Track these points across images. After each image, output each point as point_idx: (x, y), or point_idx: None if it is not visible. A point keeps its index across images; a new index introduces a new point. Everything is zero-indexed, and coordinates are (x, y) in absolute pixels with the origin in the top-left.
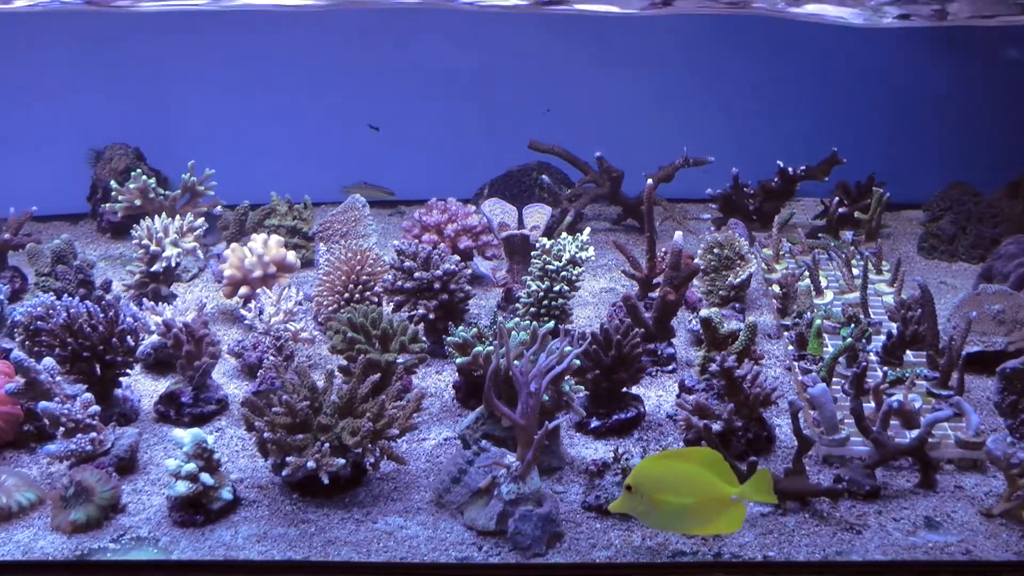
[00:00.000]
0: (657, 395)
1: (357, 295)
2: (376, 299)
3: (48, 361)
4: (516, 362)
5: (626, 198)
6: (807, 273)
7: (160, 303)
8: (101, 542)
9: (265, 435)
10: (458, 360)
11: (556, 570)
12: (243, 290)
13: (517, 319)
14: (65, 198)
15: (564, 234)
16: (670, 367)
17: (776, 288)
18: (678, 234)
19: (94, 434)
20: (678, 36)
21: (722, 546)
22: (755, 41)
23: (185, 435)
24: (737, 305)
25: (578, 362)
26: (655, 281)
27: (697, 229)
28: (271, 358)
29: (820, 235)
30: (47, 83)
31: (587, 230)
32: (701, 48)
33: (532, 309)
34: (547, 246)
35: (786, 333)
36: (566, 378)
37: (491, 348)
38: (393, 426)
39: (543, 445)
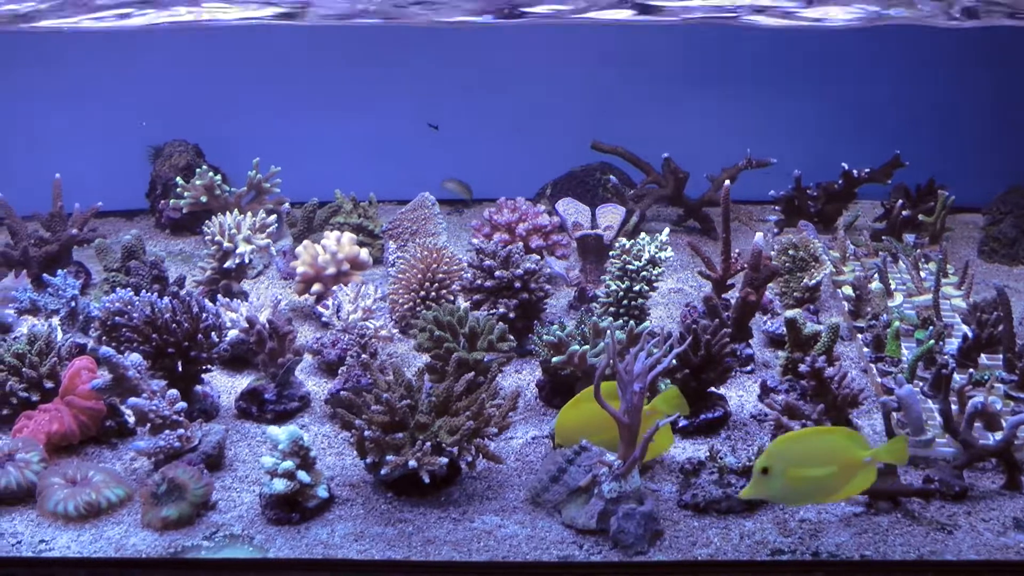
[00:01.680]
0: (738, 395)
1: (433, 293)
2: (452, 297)
3: (135, 357)
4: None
5: (689, 199)
6: (877, 275)
7: (234, 300)
8: (194, 539)
9: (366, 433)
10: (554, 359)
11: (660, 568)
12: (316, 287)
13: (610, 319)
14: (120, 194)
15: (643, 234)
16: (748, 368)
17: (847, 290)
18: (759, 235)
19: (181, 431)
20: (739, 42)
21: (819, 544)
22: (812, 46)
23: (281, 432)
24: (811, 307)
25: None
26: (728, 282)
27: (763, 231)
28: (353, 356)
29: (884, 238)
30: (105, 80)
31: (666, 230)
32: (761, 53)
33: (611, 309)
34: (627, 246)
35: (860, 335)
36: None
37: (587, 347)
38: (491, 424)
39: (649, 444)
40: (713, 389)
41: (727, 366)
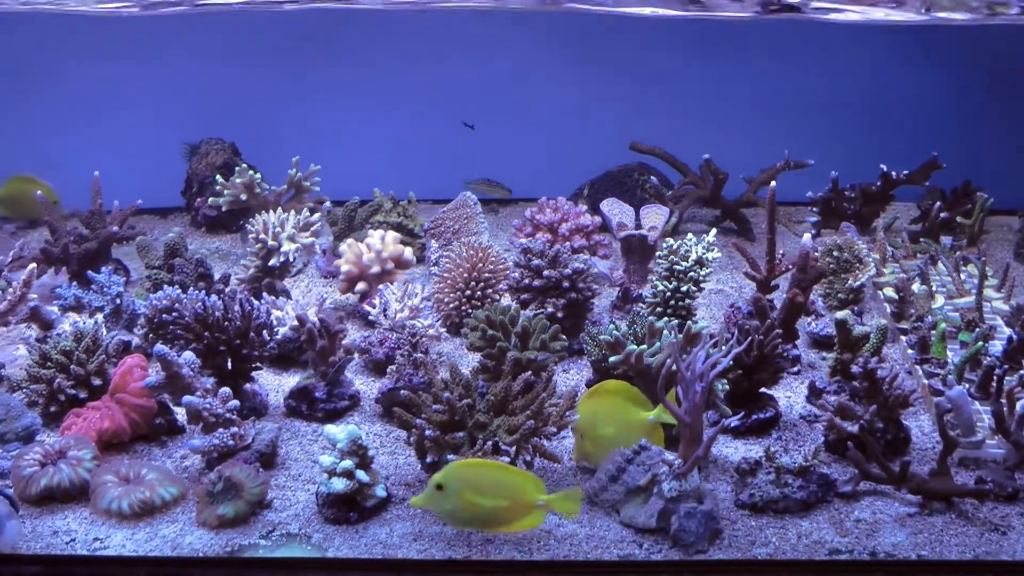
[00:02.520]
0: (786, 396)
1: (479, 292)
2: (497, 296)
3: (188, 355)
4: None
5: (726, 201)
6: (919, 277)
7: (278, 298)
8: (250, 538)
9: (427, 433)
10: (611, 359)
11: (721, 566)
12: (360, 286)
13: (667, 319)
14: (153, 191)
15: (690, 235)
16: (795, 369)
17: (888, 292)
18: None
19: (235, 429)
20: (777, 40)
21: (876, 544)
22: (847, 45)
23: (338, 431)
24: (855, 308)
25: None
26: (772, 283)
27: (801, 232)
28: (403, 355)
29: (922, 240)
30: (139, 77)
31: (713, 231)
32: (798, 51)
33: (658, 309)
34: (674, 246)
35: (903, 337)
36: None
37: (644, 347)
38: (549, 424)
39: (713, 443)
40: (768, 390)
41: (778, 367)
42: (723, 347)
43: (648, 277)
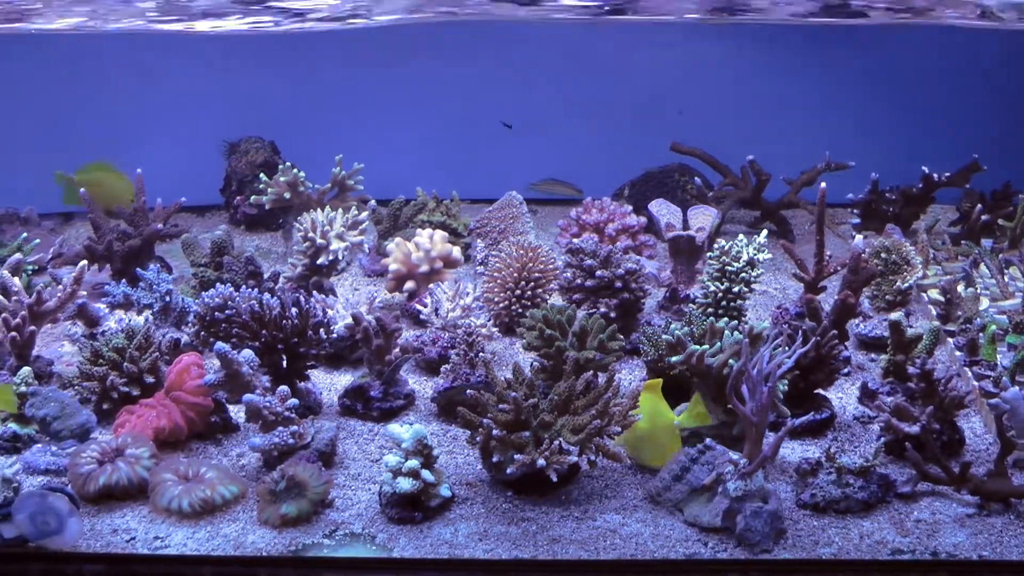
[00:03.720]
0: (837, 397)
1: (528, 292)
2: (547, 296)
3: (247, 353)
4: (726, 361)
5: (767, 202)
6: (965, 280)
7: (328, 296)
8: (313, 537)
9: (494, 432)
10: (673, 359)
11: (788, 565)
12: (408, 284)
13: (726, 319)
14: (191, 189)
15: (740, 236)
16: (845, 370)
17: (933, 294)
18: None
19: (294, 427)
20: (814, 42)
21: (937, 544)
22: (885, 45)
23: (403, 430)
24: (903, 310)
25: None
26: (820, 284)
27: (845, 234)
28: (459, 354)
29: (963, 242)
30: (177, 76)
31: (764, 232)
32: (837, 53)
33: (710, 309)
34: (725, 247)
35: (951, 340)
36: None
37: (706, 347)
38: (613, 423)
39: (781, 443)
40: (825, 391)
41: (834, 368)
42: (784, 348)
43: (695, 277)
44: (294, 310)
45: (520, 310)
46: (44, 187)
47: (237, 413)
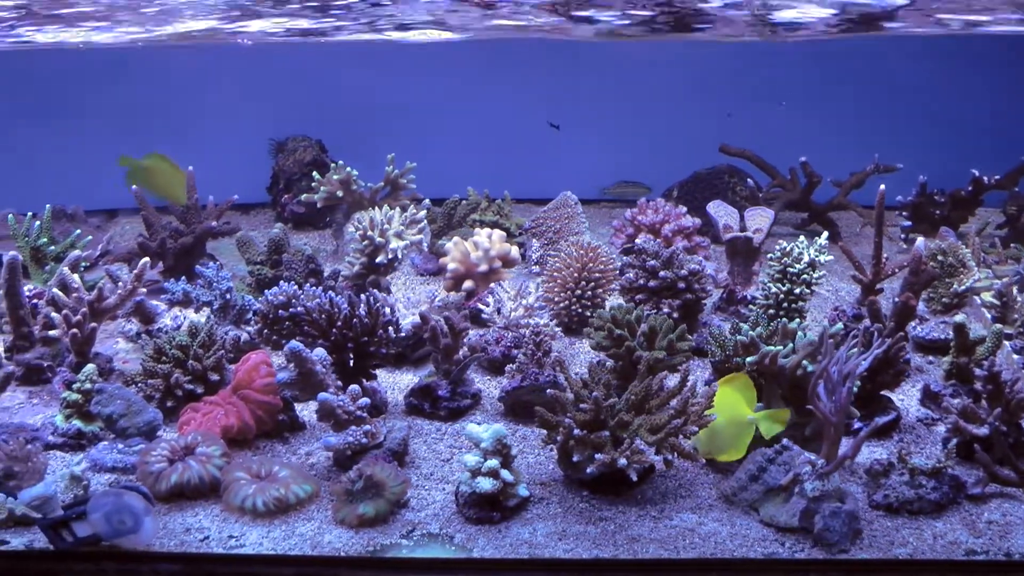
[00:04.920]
0: (899, 399)
1: (588, 292)
2: (606, 296)
3: (320, 352)
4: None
5: (815, 204)
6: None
7: (388, 295)
8: (391, 537)
9: (575, 432)
10: (747, 359)
11: (868, 566)
12: (467, 284)
13: (797, 320)
14: (236, 187)
15: (801, 237)
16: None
17: (986, 296)
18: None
19: (367, 427)
20: (858, 45)
21: (1010, 545)
22: (931, 52)
23: (481, 430)
24: (959, 313)
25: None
26: (877, 286)
27: (894, 236)
28: (524, 354)
29: (1013, 245)
30: (223, 74)
31: (825, 234)
32: (887, 58)
33: (771, 311)
34: (787, 248)
35: (1007, 342)
36: None
37: (780, 348)
38: (690, 422)
39: (862, 443)
40: (891, 392)
41: (901, 369)
42: (875, 347)
43: (751, 279)
44: (363, 308)
45: (580, 310)
46: (93, 184)
47: (303, 412)
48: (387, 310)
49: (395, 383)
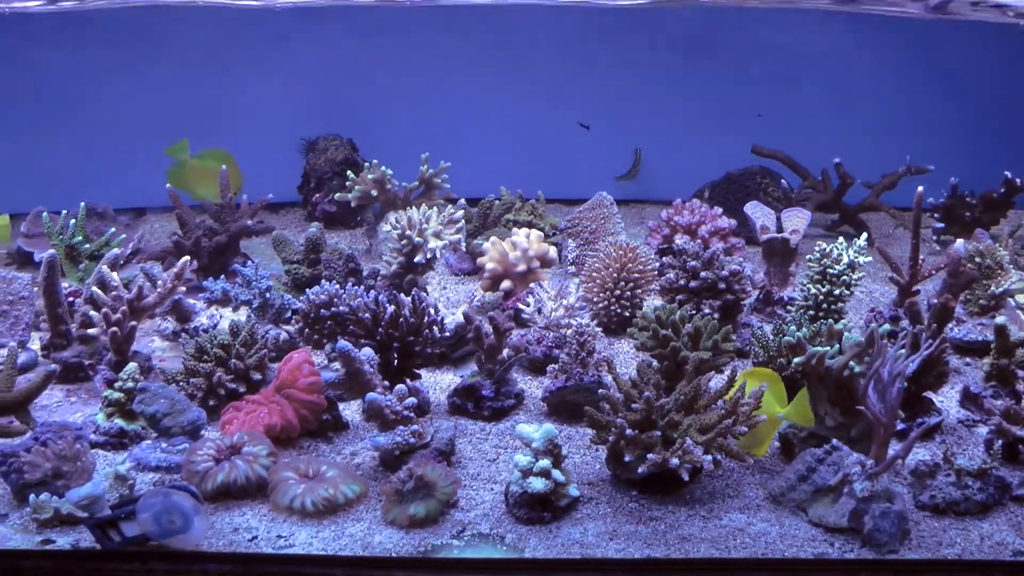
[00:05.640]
0: (938, 400)
1: (628, 292)
2: (646, 297)
3: (367, 351)
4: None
5: (847, 205)
6: None
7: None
8: (442, 538)
9: (627, 432)
10: (795, 360)
11: (919, 566)
12: (505, 284)
13: (844, 321)
14: (266, 186)
15: (840, 239)
16: None
17: (1021, 299)
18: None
19: (415, 427)
20: (890, 46)
21: None
22: (962, 47)
23: (532, 430)
24: (993, 315)
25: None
26: (914, 288)
27: (927, 238)
28: (567, 354)
29: None
30: (254, 74)
31: (863, 235)
32: (921, 53)
33: (810, 312)
34: (826, 249)
35: None
36: None
37: (827, 349)
38: (739, 423)
39: (913, 444)
40: (934, 393)
41: (943, 370)
42: (924, 348)
43: (788, 280)
44: (408, 308)
45: (619, 311)
46: (121, 182)
47: (346, 411)
48: (431, 309)
49: (436, 383)
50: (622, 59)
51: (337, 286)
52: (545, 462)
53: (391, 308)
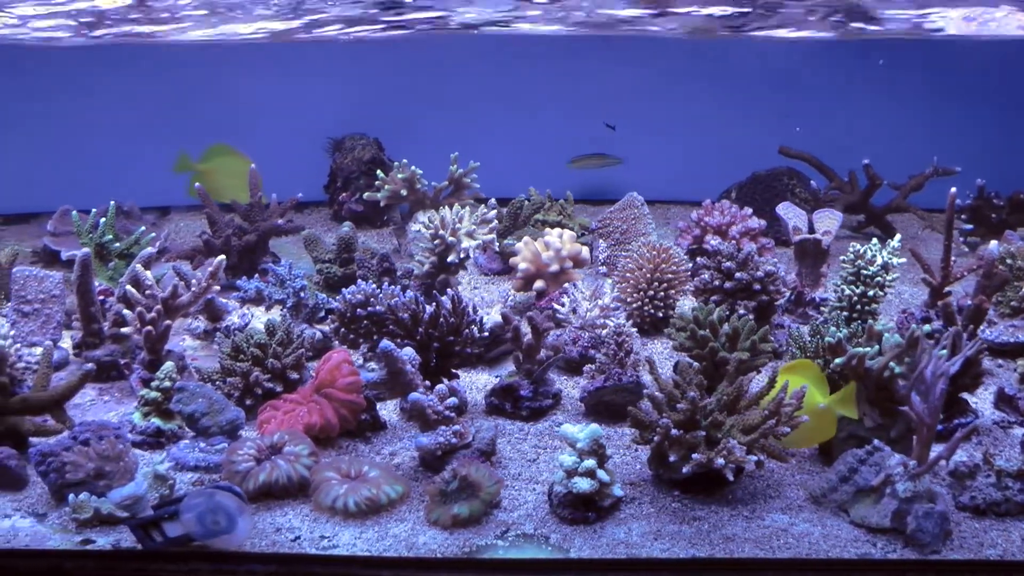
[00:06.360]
0: (973, 402)
1: (662, 293)
2: (679, 297)
3: (409, 351)
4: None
5: (873, 207)
6: None
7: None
8: (486, 539)
9: (673, 432)
10: (836, 360)
11: (962, 567)
12: (538, 284)
13: (883, 322)
14: (292, 185)
15: (874, 240)
16: None
17: None
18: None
19: (457, 427)
20: (917, 49)
21: None
22: (987, 55)
23: (576, 430)
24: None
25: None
26: (946, 290)
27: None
28: (604, 355)
29: None
30: (280, 75)
31: (897, 236)
32: (947, 60)
33: (844, 313)
34: (860, 250)
35: None
36: None
37: (868, 350)
38: (782, 423)
39: (958, 445)
40: (971, 395)
41: (980, 372)
42: (967, 349)
43: (819, 280)
44: (447, 307)
45: (652, 311)
46: (145, 181)
47: (382, 411)
48: (470, 309)
49: (472, 383)
50: (650, 61)
51: (373, 286)
52: (590, 462)
53: (430, 308)
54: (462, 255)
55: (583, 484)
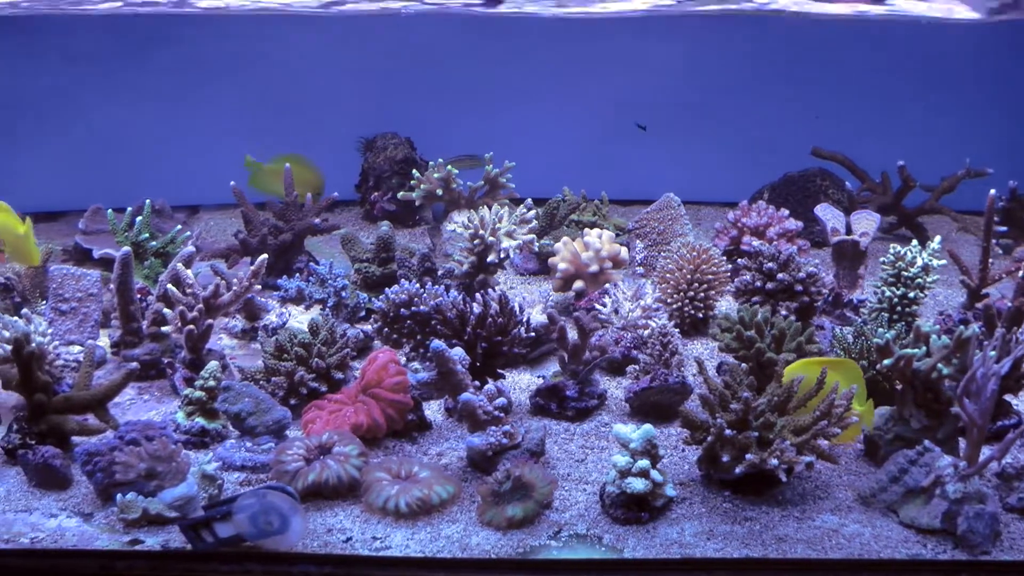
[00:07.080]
0: (1015, 403)
1: (702, 293)
2: (719, 298)
3: (458, 351)
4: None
5: (905, 208)
6: None
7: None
8: (539, 539)
9: (727, 432)
10: (884, 361)
11: (1015, 568)
12: (577, 284)
13: (931, 323)
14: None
15: (914, 241)
16: None
17: None
18: None
19: (506, 427)
20: (947, 50)
21: None
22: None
23: (629, 430)
24: None
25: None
26: (984, 291)
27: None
28: (648, 355)
29: None
30: (309, 73)
31: (937, 238)
32: (984, 56)
33: (884, 315)
34: (900, 252)
35: None
36: None
37: (916, 351)
38: (832, 424)
39: (1011, 445)
40: (1015, 396)
41: (1022, 373)
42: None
43: (857, 282)
44: (494, 307)
45: (692, 312)
46: (175, 180)
47: (427, 411)
48: (517, 309)
49: (515, 383)
50: (677, 63)
51: (417, 285)
52: (644, 462)
53: (477, 307)
54: (502, 255)
55: (637, 484)
